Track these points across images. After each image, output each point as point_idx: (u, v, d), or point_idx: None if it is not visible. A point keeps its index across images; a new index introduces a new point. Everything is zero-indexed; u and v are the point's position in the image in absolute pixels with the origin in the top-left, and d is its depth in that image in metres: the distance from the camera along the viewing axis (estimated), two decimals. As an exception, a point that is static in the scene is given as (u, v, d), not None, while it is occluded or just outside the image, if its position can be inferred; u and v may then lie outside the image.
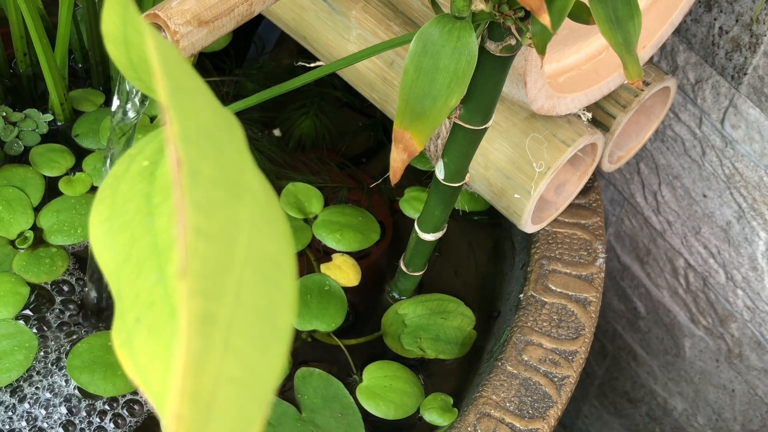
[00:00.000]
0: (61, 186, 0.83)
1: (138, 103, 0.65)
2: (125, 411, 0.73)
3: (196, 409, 0.23)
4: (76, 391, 0.74)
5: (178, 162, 0.24)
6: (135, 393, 0.74)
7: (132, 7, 0.29)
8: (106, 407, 0.74)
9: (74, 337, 0.76)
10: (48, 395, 0.73)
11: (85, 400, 0.73)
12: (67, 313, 0.77)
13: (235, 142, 0.28)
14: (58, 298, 0.78)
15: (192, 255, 0.24)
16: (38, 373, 0.74)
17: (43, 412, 0.73)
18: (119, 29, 0.33)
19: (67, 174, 0.84)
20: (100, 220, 0.32)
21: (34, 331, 0.76)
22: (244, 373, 0.24)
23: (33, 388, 0.74)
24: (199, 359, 0.23)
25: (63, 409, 0.73)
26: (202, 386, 0.23)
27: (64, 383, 0.74)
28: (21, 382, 0.74)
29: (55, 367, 0.75)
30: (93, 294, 0.77)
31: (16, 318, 0.76)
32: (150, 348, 0.27)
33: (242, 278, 0.25)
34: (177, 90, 0.26)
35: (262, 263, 0.26)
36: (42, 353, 0.75)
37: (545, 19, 0.41)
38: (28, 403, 0.73)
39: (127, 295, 0.29)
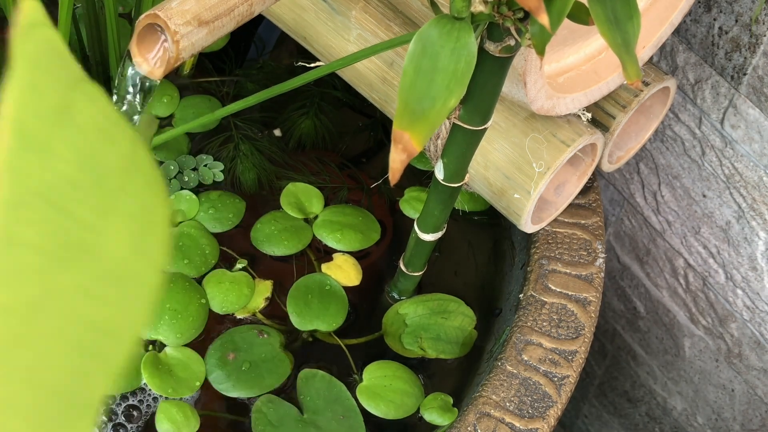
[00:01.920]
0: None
1: (138, 105, 0.65)
2: (123, 413, 0.74)
3: None
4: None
5: None
6: (136, 392, 0.74)
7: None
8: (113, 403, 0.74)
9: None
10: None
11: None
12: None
13: (102, 195, 0.26)
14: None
15: None
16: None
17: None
18: None
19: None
20: None
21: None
22: None
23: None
24: None
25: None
26: None
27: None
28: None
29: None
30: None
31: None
32: None
33: (45, 355, 0.23)
34: (25, 147, 0.24)
35: (85, 334, 0.24)
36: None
37: (544, 19, 0.41)
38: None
39: None
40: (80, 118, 0.27)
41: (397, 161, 0.48)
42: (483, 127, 0.62)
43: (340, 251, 0.83)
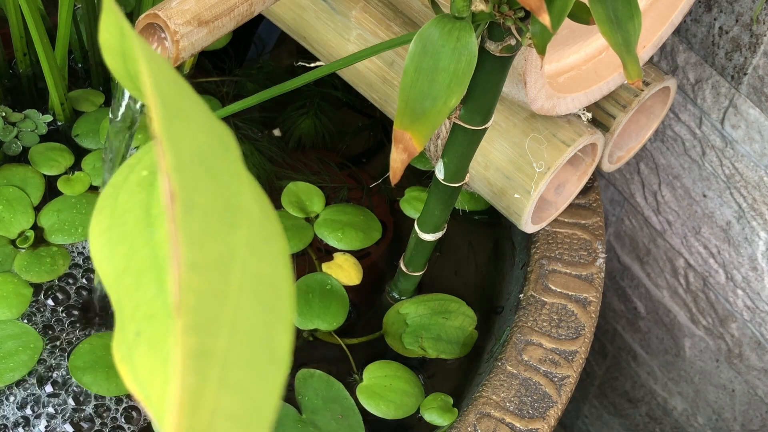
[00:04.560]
0: (60, 185, 0.83)
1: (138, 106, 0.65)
2: (129, 412, 0.73)
3: None
4: (80, 391, 0.74)
5: (172, 195, 0.24)
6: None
7: (127, 24, 0.29)
8: (110, 406, 0.74)
9: (76, 336, 0.76)
10: (50, 394, 0.73)
11: (88, 400, 0.73)
12: (69, 312, 0.77)
13: (230, 163, 0.27)
14: (60, 297, 0.78)
15: (186, 290, 0.23)
16: (41, 372, 0.74)
17: (46, 411, 0.73)
18: (117, 41, 0.33)
19: (66, 173, 0.84)
20: (100, 230, 0.31)
21: (36, 329, 0.76)
22: (241, 406, 0.24)
23: (35, 388, 0.74)
24: (195, 396, 0.23)
25: (66, 409, 0.73)
26: (197, 423, 0.23)
27: (66, 383, 0.74)
28: (24, 382, 0.74)
29: (57, 366, 0.75)
30: (98, 294, 0.77)
31: (20, 318, 0.76)
32: (150, 362, 0.27)
33: (238, 307, 0.25)
34: (171, 116, 0.26)
35: (259, 287, 0.26)
36: (44, 353, 0.75)
37: (545, 19, 0.41)
38: (31, 402, 0.73)
39: (127, 307, 0.28)
40: (189, 92, 0.28)
41: (397, 161, 0.48)
42: (483, 127, 0.62)
43: (341, 250, 0.83)
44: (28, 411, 0.73)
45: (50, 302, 0.78)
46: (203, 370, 0.23)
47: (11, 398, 0.73)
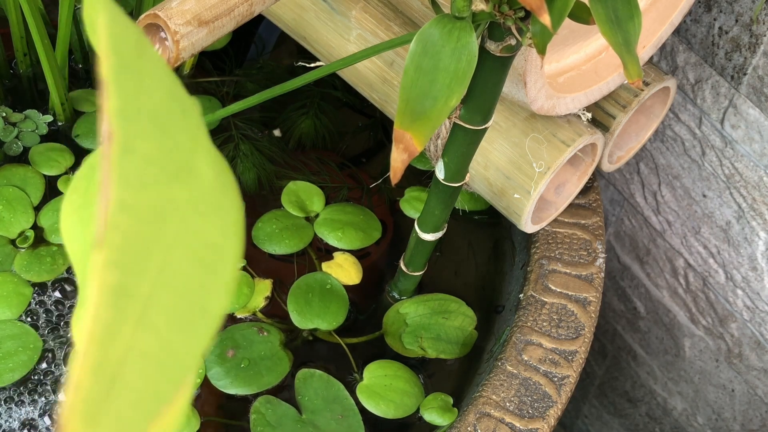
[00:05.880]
0: (60, 185, 0.83)
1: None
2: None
3: (98, 380, 0.22)
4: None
5: (110, 135, 0.24)
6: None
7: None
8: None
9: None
10: (50, 394, 0.73)
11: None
12: (69, 312, 0.77)
13: (188, 126, 0.27)
14: (60, 297, 0.78)
15: (112, 228, 0.23)
16: (41, 371, 0.74)
17: (46, 412, 0.73)
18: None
19: (66, 173, 0.84)
20: (72, 209, 0.31)
21: (36, 329, 0.76)
22: (160, 349, 0.24)
23: (35, 387, 0.74)
24: (108, 330, 0.22)
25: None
26: (107, 358, 0.22)
27: (66, 382, 0.74)
28: (24, 381, 0.74)
29: (57, 366, 0.75)
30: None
31: (20, 318, 0.76)
32: None
33: (169, 256, 0.24)
34: (123, 66, 0.25)
35: (198, 245, 0.25)
36: (44, 353, 0.75)
37: (546, 19, 0.41)
38: (31, 401, 0.73)
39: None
40: (152, 55, 0.28)
41: (398, 161, 0.48)
42: (484, 127, 0.62)
43: (341, 250, 0.83)
44: (28, 412, 0.73)
45: (50, 302, 0.78)
46: (121, 306, 0.23)
47: (11, 399, 0.73)
